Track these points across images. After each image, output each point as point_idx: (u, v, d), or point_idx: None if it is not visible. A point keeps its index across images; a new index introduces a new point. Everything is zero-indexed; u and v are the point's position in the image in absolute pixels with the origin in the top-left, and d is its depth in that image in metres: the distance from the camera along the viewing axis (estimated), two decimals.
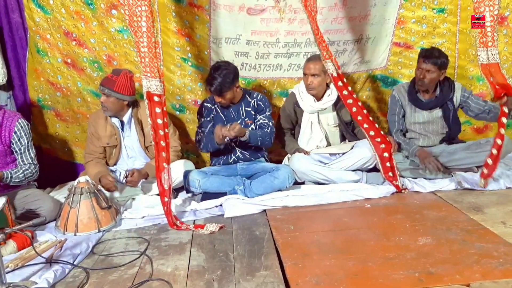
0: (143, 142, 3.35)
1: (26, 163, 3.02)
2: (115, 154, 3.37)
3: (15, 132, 2.98)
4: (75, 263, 2.37)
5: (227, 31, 3.60)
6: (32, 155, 3.06)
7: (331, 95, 3.43)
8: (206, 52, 3.65)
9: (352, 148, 3.43)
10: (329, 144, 3.55)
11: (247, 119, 3.36)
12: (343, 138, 3.60)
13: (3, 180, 2.89)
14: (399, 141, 3.43)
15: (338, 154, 3.44)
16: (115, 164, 3.41)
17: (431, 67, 3.26)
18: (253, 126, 3.36)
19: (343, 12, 3.64)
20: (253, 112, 3.38)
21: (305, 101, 3.46)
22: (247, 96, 3.40)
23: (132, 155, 3.39)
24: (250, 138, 3.23)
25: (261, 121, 3.36)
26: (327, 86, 3.45)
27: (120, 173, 3.33)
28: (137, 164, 3.39)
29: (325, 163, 3.38)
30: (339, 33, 3.71)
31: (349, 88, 3.00)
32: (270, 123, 3.36)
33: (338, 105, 3.46)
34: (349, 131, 3.55)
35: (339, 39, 3.73)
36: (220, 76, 3.17)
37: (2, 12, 3.57)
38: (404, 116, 3.51)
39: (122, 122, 3.32)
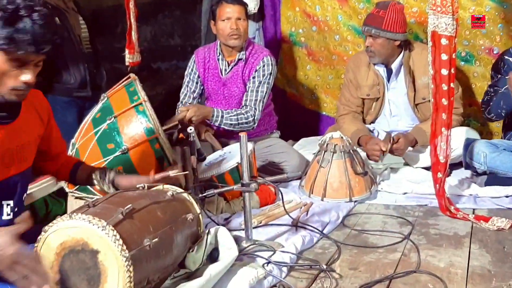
0: (412, 97, 3.37)
1: (247, 104, 3.26)
2: (375, 109, 3.49)
3: (256, 70, 3.30)
4: (324, 232, 2.58)
5: None
6: (258, 98, 3.25)
7: None
8: None
9: None
10: None
11: None
12: None
13: (212, 119, 3.15)
14: None
15: None
16: (373, 122, 3.55)
17: None
18: None
19: None
20: None
21: None
22: None
23: (396, 113, 3.47)
24: None
25: None
26: None
27: (378, 133, 3.45)
28: (401, 125, 3.45)
29: None
30: None
31: None
32: None
33: None
34: None
35: None
36: None
37: None
38: None
39: (389, 71, 3.40)
